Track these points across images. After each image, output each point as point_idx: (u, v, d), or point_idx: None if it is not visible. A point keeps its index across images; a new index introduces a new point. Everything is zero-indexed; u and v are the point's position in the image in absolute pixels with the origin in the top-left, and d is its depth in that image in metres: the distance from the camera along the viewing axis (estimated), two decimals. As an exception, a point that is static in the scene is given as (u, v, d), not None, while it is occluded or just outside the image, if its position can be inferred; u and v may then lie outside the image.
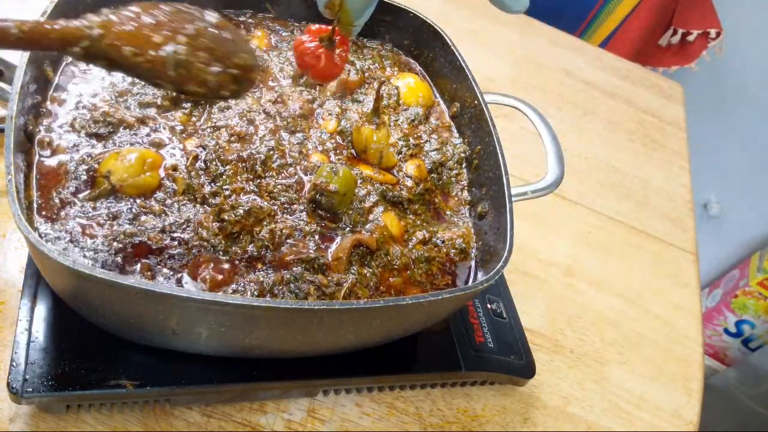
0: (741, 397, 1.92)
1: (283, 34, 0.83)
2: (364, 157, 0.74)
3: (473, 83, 0.78)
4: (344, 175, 0.67)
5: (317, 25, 0.65)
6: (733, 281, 2.03)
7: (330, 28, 0.63)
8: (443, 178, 0.77)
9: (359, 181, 0.70)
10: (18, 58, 0.59)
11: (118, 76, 0.70)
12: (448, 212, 0.75)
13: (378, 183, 0.72)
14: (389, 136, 0.75)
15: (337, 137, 0.75)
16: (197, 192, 0.63)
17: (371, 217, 0.69)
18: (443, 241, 0.70)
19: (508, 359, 0.77)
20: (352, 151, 0.75)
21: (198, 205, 0.63)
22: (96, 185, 0.61)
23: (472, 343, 0.75)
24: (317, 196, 0.66)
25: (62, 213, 0.58)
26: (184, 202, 0.62)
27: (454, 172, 0.77)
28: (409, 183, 0.73)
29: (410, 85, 0.83)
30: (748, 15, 1.76)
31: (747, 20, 1.76)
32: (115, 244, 0.57)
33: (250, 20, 0.83)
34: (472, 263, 0.71)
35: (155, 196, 0.62)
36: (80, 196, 0.60)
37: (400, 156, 0.76)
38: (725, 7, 1.64)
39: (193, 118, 0.70)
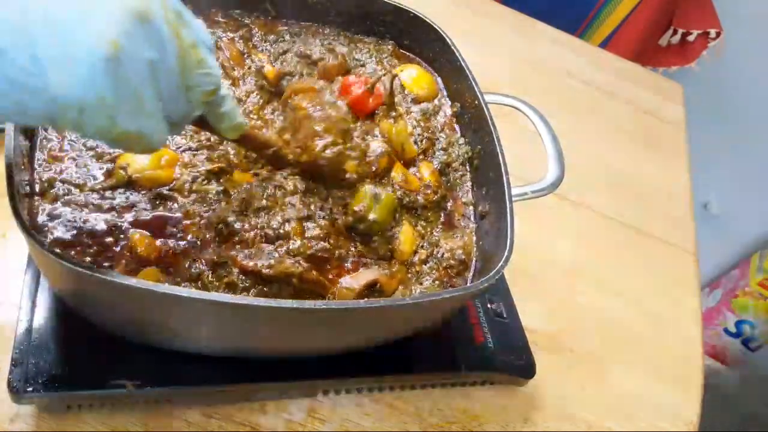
0: (741, 397, 1.92)
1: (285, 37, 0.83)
2: None
3: (473, 83, 0.77)
4: (385, 202, 0.66)
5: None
6: (733, 281, 2.03)
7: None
8: (450, 179, 0.77)
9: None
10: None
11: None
12: (457, 217, 0.74)
13: (402, 189, 0.71)
14: (407, 127, 0.75)
15: None
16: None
17: (391, 232, 0.68)
18: (443, 254, 0.70)
19: (508, 359, 0.77)
20: None
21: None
22: (112, 176, 0.62)
23: (472, 343, 0.75)
24: (356, 225, 0.65)
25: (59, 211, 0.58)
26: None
27: (459, 173, 0.77)
28: (429, 191, 0.73)
29: (413, 76, 0.83)
30: (748, 15, 1.76)
31: (747, 20, 1.76)
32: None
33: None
34: (473, 264, 0.71)
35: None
36: (96, 185, 0.61)
37: (417, 147, 0.76)
38: (725, 7, 1.64)
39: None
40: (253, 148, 0.65)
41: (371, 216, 0.65)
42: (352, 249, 0.65)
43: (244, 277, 0.58)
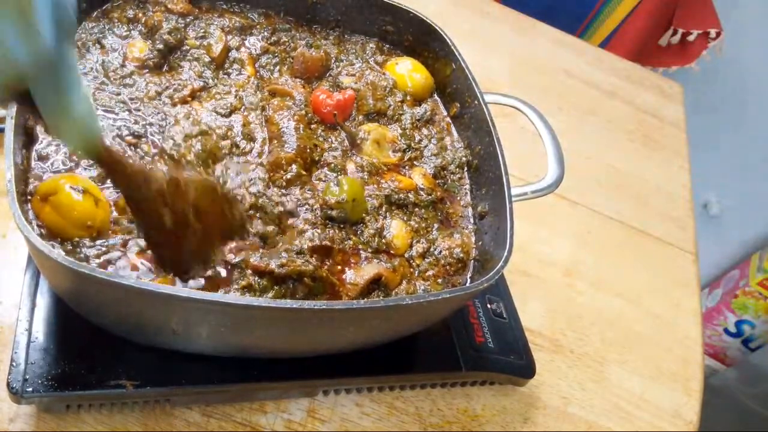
0: (741, 397, 1.92)
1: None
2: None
3: (473, 83, 0.77)
4: (348, 183, 0.67)
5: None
6: (733, 281, 2.03)
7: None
8: (447, 182, 0.77)
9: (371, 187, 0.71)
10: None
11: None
12: (455, 218, 0.75)
13: (396, 186, 0.72)
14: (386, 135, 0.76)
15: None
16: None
17: (385, 227, 0.69)
18: (441, 252, 0.70)
19: (508, 359, 0.77)
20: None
21: None
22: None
23: (472, 343, 0.75)
24: (330, 212, 0.67)
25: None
26: None
27: (457, 176, 0.77)
28: (423, 194, 0.73)
29: (409, 68, 0.83)
30: (748, 15, 1.76)
31: (747, 20, 1.76)
32: None
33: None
34: (471, 264, 0.71)
35: None
36: None
37: (397, 155, 0.76)
38: (725, 7, 1.64)
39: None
40: (111, 174, 0.52)
41: (341, 197, 0.66)
42: (348, 242, 0.66)
43: (259, 279, 0.59)
